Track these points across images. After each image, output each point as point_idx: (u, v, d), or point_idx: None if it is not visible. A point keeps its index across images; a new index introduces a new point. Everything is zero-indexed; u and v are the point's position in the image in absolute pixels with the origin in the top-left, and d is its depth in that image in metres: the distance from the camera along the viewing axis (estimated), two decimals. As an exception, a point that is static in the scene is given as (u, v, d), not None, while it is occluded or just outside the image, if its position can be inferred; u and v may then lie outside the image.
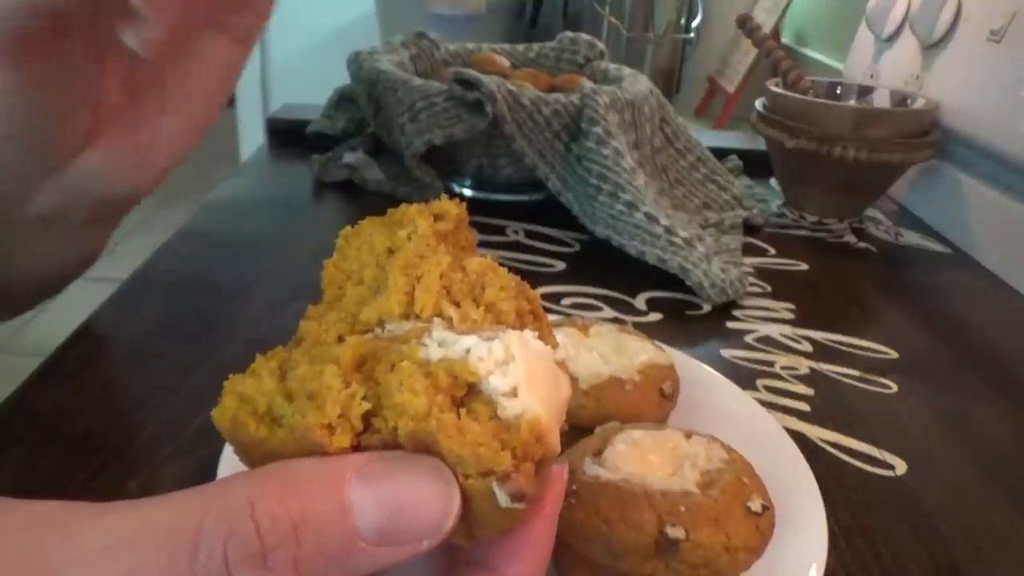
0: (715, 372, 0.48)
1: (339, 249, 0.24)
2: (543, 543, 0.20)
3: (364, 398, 0.19)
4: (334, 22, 2.38)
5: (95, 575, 0.14)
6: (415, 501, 0.16)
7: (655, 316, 0.60)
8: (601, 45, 0.90)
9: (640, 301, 0.62)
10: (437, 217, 0.23)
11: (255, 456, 0.19)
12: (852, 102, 0.89)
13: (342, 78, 0.88)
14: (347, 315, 0.21)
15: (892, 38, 0.97)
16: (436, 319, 0.21)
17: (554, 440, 0.19)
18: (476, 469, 0.17)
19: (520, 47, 0.92)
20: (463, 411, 0.18)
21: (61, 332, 0.50)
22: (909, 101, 0.85)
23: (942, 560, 0.39)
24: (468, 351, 0.19)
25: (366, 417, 0.19)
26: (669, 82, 1.33)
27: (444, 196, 0.24)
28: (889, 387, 0.54)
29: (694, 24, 1.30)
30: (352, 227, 0.24)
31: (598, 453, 0.34)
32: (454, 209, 0.24)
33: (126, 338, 0.51)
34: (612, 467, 0.33)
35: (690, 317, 0.61)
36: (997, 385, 0.55)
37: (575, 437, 0.36)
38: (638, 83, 0.78)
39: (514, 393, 0.18)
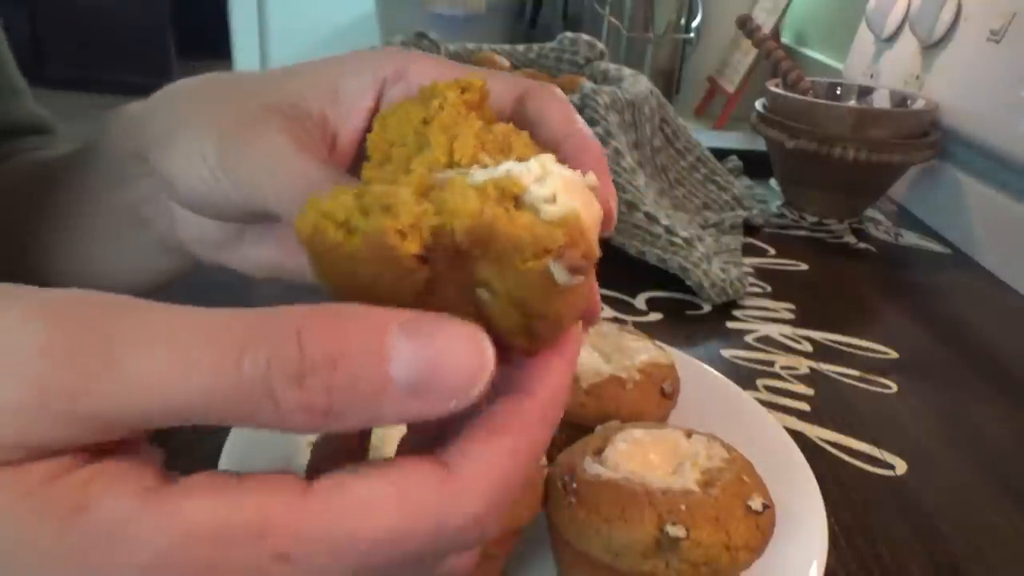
0: (715, 372, 0.48)
1: (379, 122, 0.26)
2: (565, 376, 0.21)
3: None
4: (334, 22, 2.38)
5: (147, 355, 0.15)
6: (452, 360, 0.17)
7: (655, 316, 0.60)
8: (601, 45, 0.90)
9: (640, 301, 0.62)
10: (464, 89, 0.26)
11: (327, 263, 0.21)
12: (852, 102, 0.89)
13: (342, 78, 0.87)
14: (399, 168, 0.24)
15: (892, 38, 0.97)
16: (475, 165, 0.23)
17: (594, 239, 0.20)
18: (532, 250, 0.19)
19: (520, 47, 0.92)
20: (511, 211, 0.20)
21: (61, 331, 0.50)
22: (909, 101, 0.85)
23: (942, 560, 0.39)
24: (508, 172, 0.21)
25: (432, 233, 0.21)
26: (669, 82, 1.33)
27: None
28: (889, 387, 0.54)
29: (694, 24, 1.30)
30: (385, 110, 0.27)
31: (599, 452, 0.34)
32: (478, 81, 0.26)
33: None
34: (613, 466, 0.33)
35: (690, 317, 0.61)
36: (997, 385, 0.55)
37: (575, 436, 0.36)
38: (638, 83, 0.78)
39: (553, 200, 0.20)
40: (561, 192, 0.20)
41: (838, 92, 0.91)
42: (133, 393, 0.15)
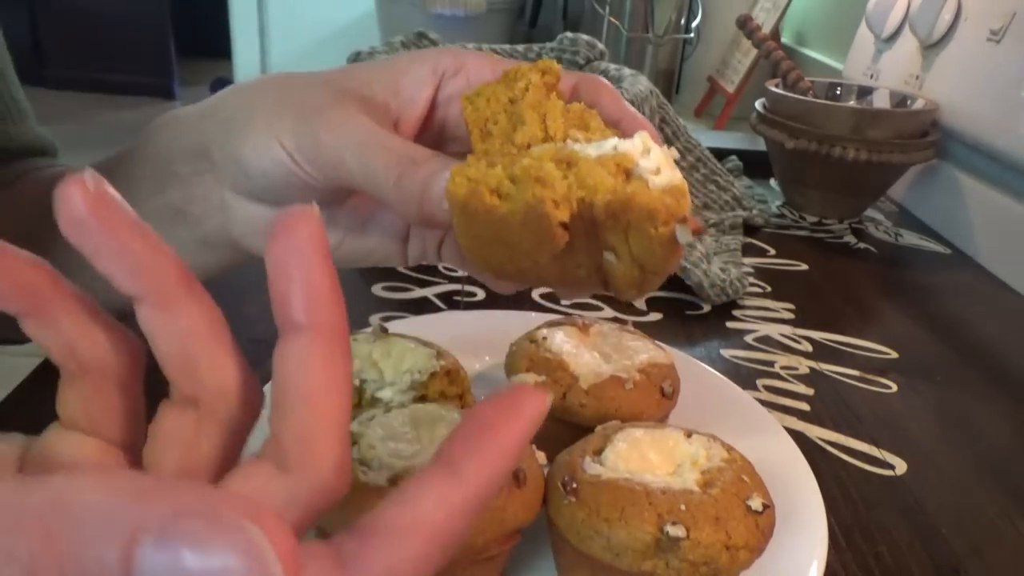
0: (715, 372, 0.48)
1: (467, 102, 0.29)
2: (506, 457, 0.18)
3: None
4: (334, 22, 2.38)
5: None
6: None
7: (655, 316, 0.60)
8: (601, 45, 0.90)
9: (640, 301, 0.62)
10: (543, 72, 0.29)
11: (476, 225, 0.24)
12: (852, 102, 0.89)
13: (342, 78, 0.87)
14: (504, 140, 0.27)
15: (892, 38, 0.97)
16: (568, 139, 0.27)
17: (689, 202, 0.24)
18: (664, 217, 0.23)
19: (520, 47, 0.92)
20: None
21: (61, 331, 0.50)
22: (909, 101, 0.85)
23: (942, 560, 0.39)
24: (615, 147, 0.24)
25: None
26: (669, 82, 1.33)
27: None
28: (889, 387, 0.54)
29: (694, 24, 1.30)
30: (470, 92, 0.30)
31: (599, 452, 0.34)
32: (555, 66, 0.29)
33: (126, 337, 0.51)
34: (612, 466, 0.33)
35: (690, 317, 0.61)
36: (996, 385, 0.55)
37: (575, 436, 0.36)
38: (638, 83, 0.78)
39: (658, 171, 0.23)
40: (663, 165, 0.24)
41: (838, 92, 0.91)
42: None
